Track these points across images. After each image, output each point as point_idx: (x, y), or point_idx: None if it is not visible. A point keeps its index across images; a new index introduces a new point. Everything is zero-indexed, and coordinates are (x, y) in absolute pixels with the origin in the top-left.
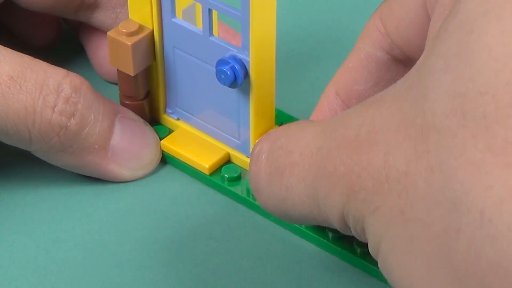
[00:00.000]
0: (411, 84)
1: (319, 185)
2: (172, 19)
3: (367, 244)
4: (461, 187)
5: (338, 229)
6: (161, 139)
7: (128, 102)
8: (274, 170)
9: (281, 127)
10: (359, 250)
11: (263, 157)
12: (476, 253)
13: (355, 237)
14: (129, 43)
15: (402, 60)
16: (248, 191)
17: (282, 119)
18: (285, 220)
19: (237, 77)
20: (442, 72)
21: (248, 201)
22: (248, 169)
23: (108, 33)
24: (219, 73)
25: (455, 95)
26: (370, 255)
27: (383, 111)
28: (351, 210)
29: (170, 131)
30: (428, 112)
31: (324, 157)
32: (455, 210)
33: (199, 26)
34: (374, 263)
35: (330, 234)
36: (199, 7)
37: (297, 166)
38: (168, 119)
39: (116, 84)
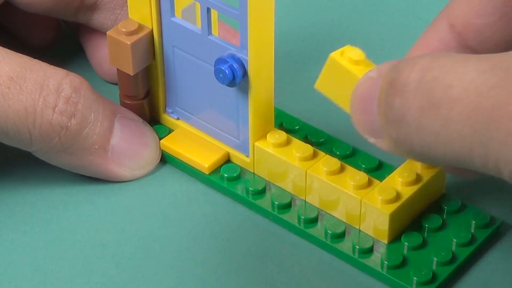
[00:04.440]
0: None
1: (493, 127)
2: (172, 18)
3: (366, 247)
4: None
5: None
6: (160, 138)
7: (128, 102)
8: (427, 103)
9: (427, 56)
10: (357, 248)
11: (412, 87)
12: None
13: (354, 237)
14: (129, 42)
15: None
16: (247, 190)
17: (281, 118)
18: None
19: (236, 76)
20: None
21: (248, 201)
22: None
23: (107, 32)
24: (217, 72)
25: None
26: (368, 255)
27: None
28: None
29: (170, 131)
30: None
31: (501, 99)
32: None
33: (198, 25)
34: (373, 263)
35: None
36: (199, 7)
37: (460, 102)
38: (168, 119)
39: (116, 84)
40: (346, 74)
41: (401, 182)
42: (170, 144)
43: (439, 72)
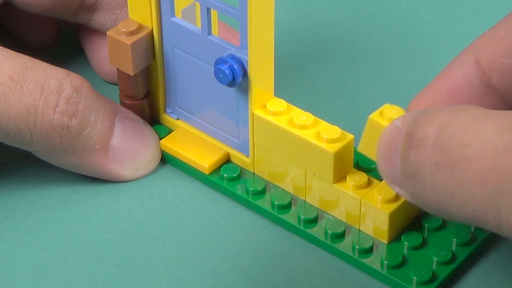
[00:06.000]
0: None
1: (506, 190)
2: (172, 19)
3: (365, 245)
4: None
5: None
6: (160, 138)
7: (128, 102)
8: (443, 161)
9: (446, 110)
10: (357, 248)
11: (428, 143)
12: None
13: (354, 237)
14: (129, 43)
15: None
16: (247, 190)
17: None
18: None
19: (235, 76)
20: None
21: (248, 201)
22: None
23: (107, 32)
24: (217, 72)
25: None
26: (368, 255)
27: None
28: None
29: (170, 131)
30: None
31: None
32: None
33: (198, 25)
34: (373, 263)
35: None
36: (199, 7)
37: (475, 163)
38: (168, 119)
39: (116, 84)
40: None
41: None
42: (170, 144)
43: (457, 128)
